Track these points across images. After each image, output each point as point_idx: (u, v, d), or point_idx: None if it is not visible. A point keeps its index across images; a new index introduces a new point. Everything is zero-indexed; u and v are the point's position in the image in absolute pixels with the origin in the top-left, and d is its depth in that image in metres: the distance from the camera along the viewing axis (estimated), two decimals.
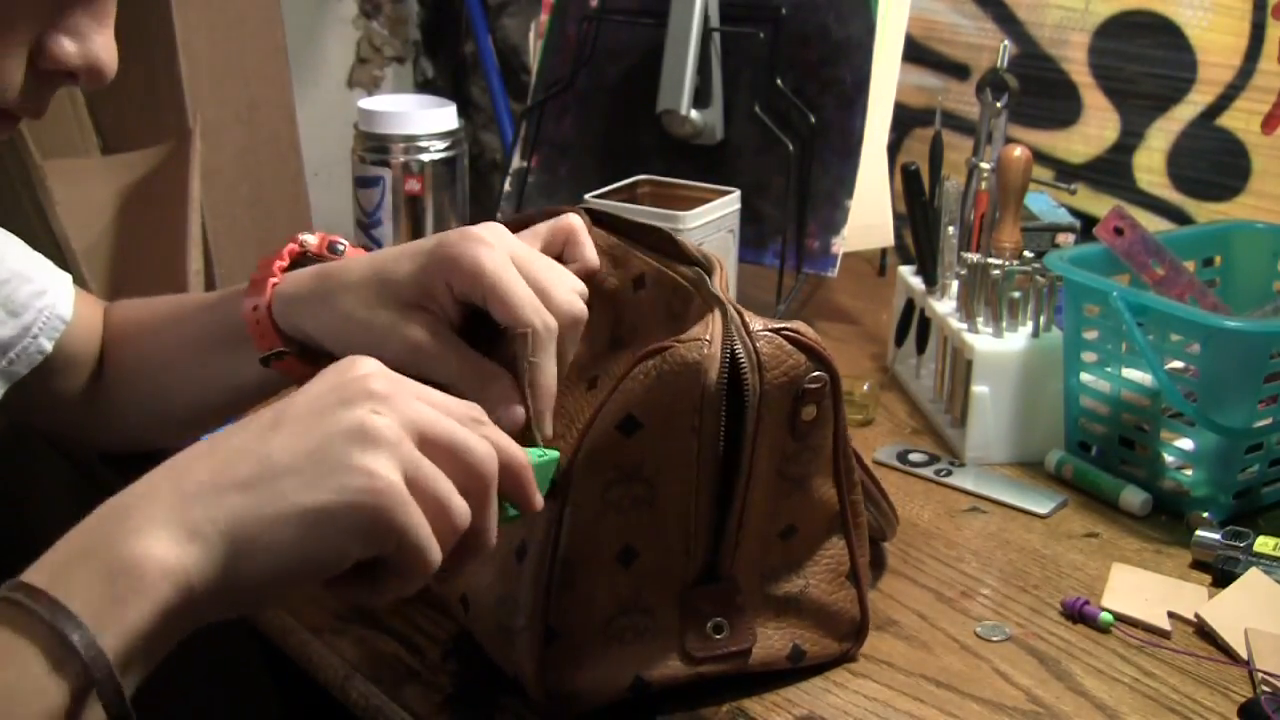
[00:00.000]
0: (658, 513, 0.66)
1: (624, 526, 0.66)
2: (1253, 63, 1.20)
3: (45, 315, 0.84)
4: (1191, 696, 0.71)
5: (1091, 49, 1.31)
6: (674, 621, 0.68)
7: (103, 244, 1.78)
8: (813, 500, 0.70)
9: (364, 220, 1.24)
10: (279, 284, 0.76)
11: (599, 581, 0.67)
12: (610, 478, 0.66)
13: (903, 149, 1.46)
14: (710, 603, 0.69)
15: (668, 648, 0.68)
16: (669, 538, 0.67)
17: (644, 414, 0.64)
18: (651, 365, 0.64)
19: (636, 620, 0.68)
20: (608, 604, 0.67)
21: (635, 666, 0.68)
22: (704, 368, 0.64)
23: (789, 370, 0.66)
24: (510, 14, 2.16)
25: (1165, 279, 0.99)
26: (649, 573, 0.67)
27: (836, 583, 0.72)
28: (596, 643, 0.67)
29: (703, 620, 0.68)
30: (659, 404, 0.64)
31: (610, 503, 0.66)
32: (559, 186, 1.32)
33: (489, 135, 2.25)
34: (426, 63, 2.36)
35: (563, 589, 0.66)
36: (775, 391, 0.66)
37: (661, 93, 1.20)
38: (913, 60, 1.42)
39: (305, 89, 2.13)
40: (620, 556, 0.67)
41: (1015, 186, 1.02)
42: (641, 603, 0.68)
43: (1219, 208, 1.24)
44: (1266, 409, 0.87)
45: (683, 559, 0.68)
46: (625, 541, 0.67)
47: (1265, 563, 0.81)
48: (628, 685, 0.68)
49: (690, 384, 0.64)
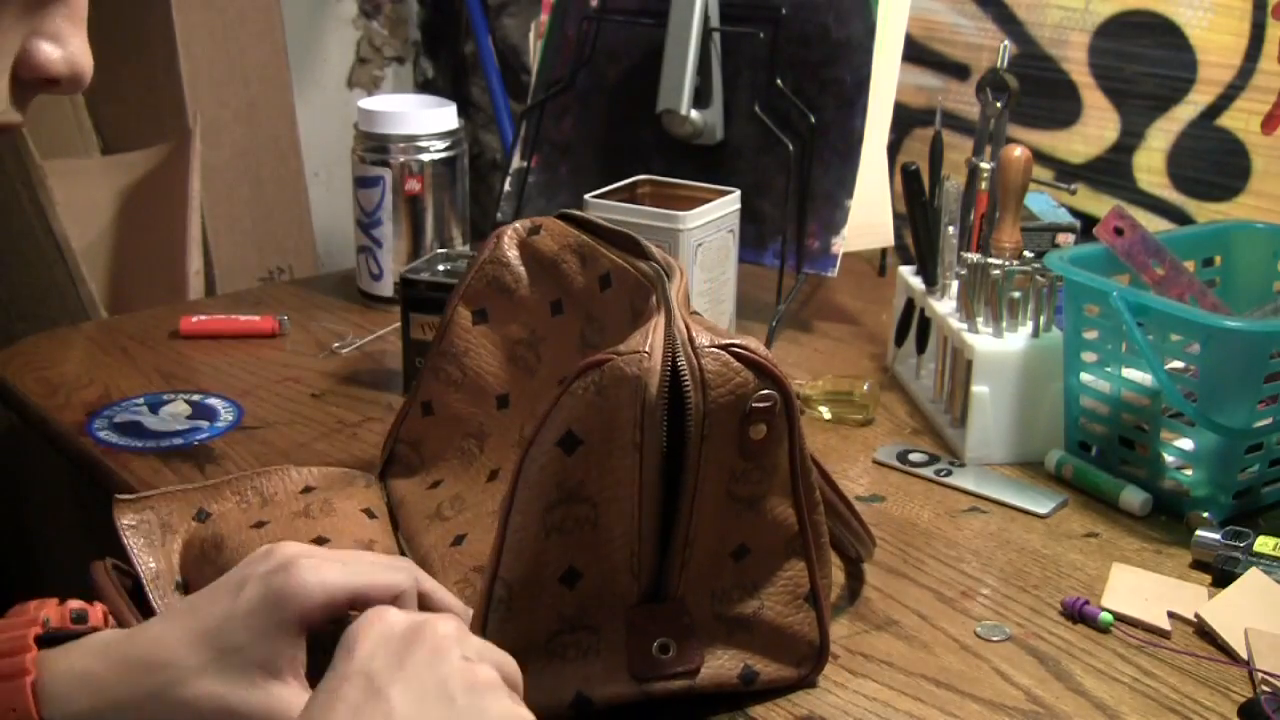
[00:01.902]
0: (601, 533, 0.65)
1: (566, 548, 0.65)
2: (1253, 63, 1.20)
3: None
4: (1191, 696, 0.71)
5: (1091, 49, 1.31)
6: (620, 640, 0.67)
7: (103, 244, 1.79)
8: (767, 521, 0.68)
9: (364, 220, 1.24)
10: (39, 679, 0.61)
11: (541, 600, 0.66)
12: (552, 499, 0.64)
13: (903, 149, 1.46)
14: (656, 622, 0.67)
15: (614, 666, 0.67)
16: (614, 558, 0.66)
17: (584, 430, 0.63)
18: (590, 380, 0.63)
19: (580, 638, 0.67)
20: (550, 621, 0.66)
21: (577, 683, 0.67)
22: (644, 381, 0.62)
23: (735, 389, 0.64)
24: (510, 14, 2.16)
25: (1165, 279, 0.99)
26: (593, 592, 0.66)
27: (794, 605, 0.70)
28: (537, 658, 0.66)
29: (649, 640, 0.67)
30: (599, 419, 0.63)
31: (552, 525, 0.65)
32: (559, 186, 1.32)
33: (489, 135, 2.25)
34: (426, 63, 2.36)
35: (502, 606, 0.66)
36: (720, 410, 0.64)
37: (661, 93, 1.21)
38: (913, 60, 1.42)
39: (305, 89, 2.13)
40: (564, 578, 0.66)
41: (1015, 186, 1.02)
42: (587, 620, 0.67)
43: (1219, 208, 1.24)
44: (1266, 409, 0.87)
45: (627, 578, 0.66)
46: (569, 563, 0.66)
47: (1265, 563, 0.81)
48: (569, 701, 0.67)
49: (630, 398, 0.62)
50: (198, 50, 1.86)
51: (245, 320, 1.20)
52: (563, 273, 0.81)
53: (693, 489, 0.65)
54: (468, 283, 0.84)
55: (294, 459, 0.96)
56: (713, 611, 0.69)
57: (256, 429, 1.01)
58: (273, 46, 1.96)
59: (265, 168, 2.00)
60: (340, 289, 1.31)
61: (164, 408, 1.04)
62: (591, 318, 0.77)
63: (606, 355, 0.63)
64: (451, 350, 0.84)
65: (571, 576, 0.66)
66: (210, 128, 1.84)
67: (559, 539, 0.65)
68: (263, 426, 1.02)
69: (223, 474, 0.94)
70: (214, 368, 1.13)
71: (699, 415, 0.63)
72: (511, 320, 0.84)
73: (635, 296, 0.72)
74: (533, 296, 0.82)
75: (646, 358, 0.62)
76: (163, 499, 0.82)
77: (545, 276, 0.82)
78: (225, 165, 1.93)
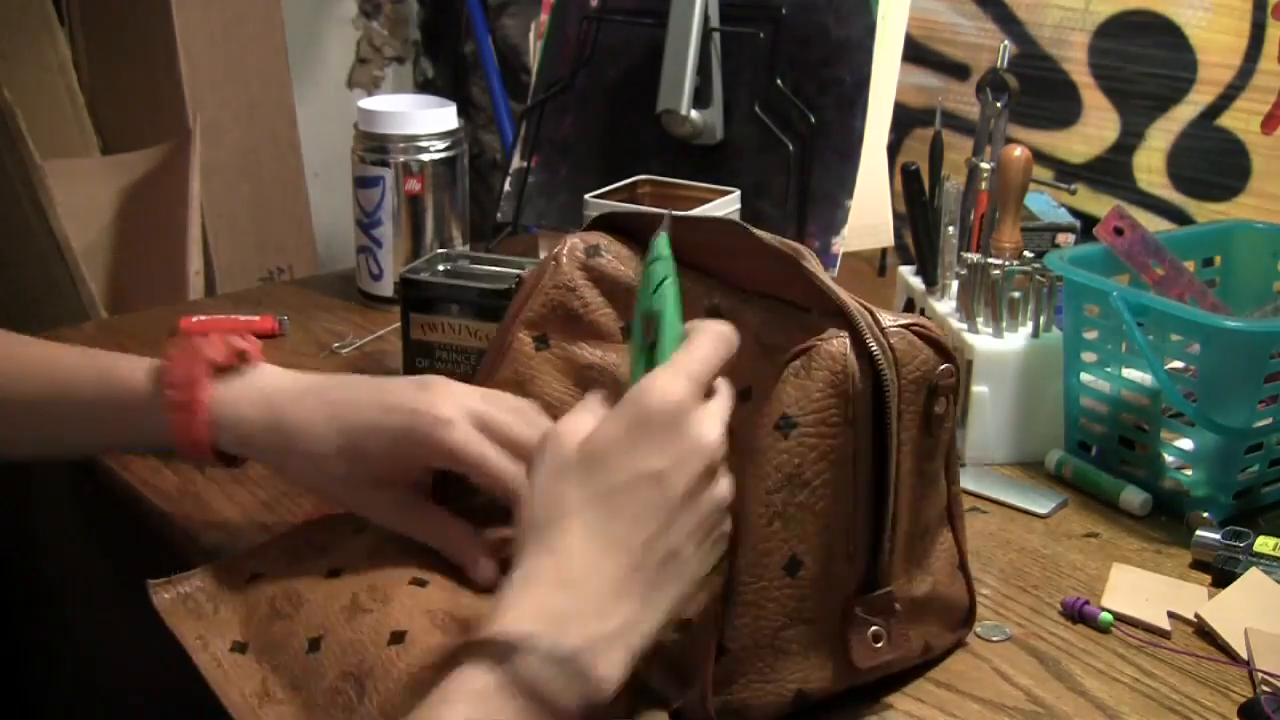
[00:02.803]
0: (820, 518, 0.65)
1: (789, 535, 0.65)
2: (1253, 63, 1.20)
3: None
4: (1191, 696, 0.71)
5: (1091, 49, 1.31)
6: (834, 631, 0.67)
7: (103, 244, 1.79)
8: (936, 494, 0.71)
9: (364, 220, 1.24)
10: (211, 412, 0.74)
11: (767, 593, 0.65)
12: (773, 483, 0.65)
13: (903, 149, 1.46)
14: (872, 612, 0.67)
15: (827, 658, 0.67)
16: (832, 544, 0.66)
17: (798, 412, 0.64)
18: (799, 365, 0.65)
19: (801, 632, 0.66)
20: (775, 615, 0.66)
21: (798, 680, 0.66)
22: (850, 362, 0.64)
23: (920, 365, 0.66)
24: (510, 14, 2.16)
25: (1165, 279, 0.99)
26: (813, 582, 0.66)
27: (952, 574, 0.73)
28: (764, 657, 0.66)
29: (865, 629, 0.67)
30: (812, 400, 0.64)
31: (775, 510, 0.65)
32: (559, 186, 1.32)
33: (489, 135, 2.25)
34: (426, 63, 2.36)
35: (735, 604, 0.65)
36: (911, 387, 0.66)
37: (661, 93, 1.20)
38: (913, 60, 1.42)
39: (305, 89, 2.13)
40: (787, 566, 0.65)
41: (1015, 186, 1.02)
42: (804, 614, 0.66)
43: (1219, 208, 1.24)
44: (1266, 409, 0.87)
45: (845, 566, 0.66)
46: (791, 551, 0.65)
47: (1265, 563, 0.81)
48: (790, 699, 0.66)
49: (839, 379, 0.64)
50: (198, 50, 1.86)
51: (245, 320, 1.20)
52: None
53: (895, 468, 0.66)
54: (527, 309, 0.80)
55: None
56: (907, 594, 0.69)
57: None
58: (273, 46, 1.96)
59: (265, 168, 2.00)
60: (340, 289, 1.31)
61: None
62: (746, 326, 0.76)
63: (811, 342, 0.65)
64: (514, 379, 0.80)
65: (794, 565, 0.65)
66: (210, 128, 1.84)
67: (781, 525, 0.65)
68: None
69: (224, 474, 0.94)
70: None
71: (895, 392, 0.65)
72: (579, 344, 0.80)
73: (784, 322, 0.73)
74: (603, 319, 0.80)
75: (846, 341, 0.65)
76: (202, 573, 0.76)
77: (617, 299, 0.80)
78: (225, 165, 1.93)
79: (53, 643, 1.24)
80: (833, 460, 0.65)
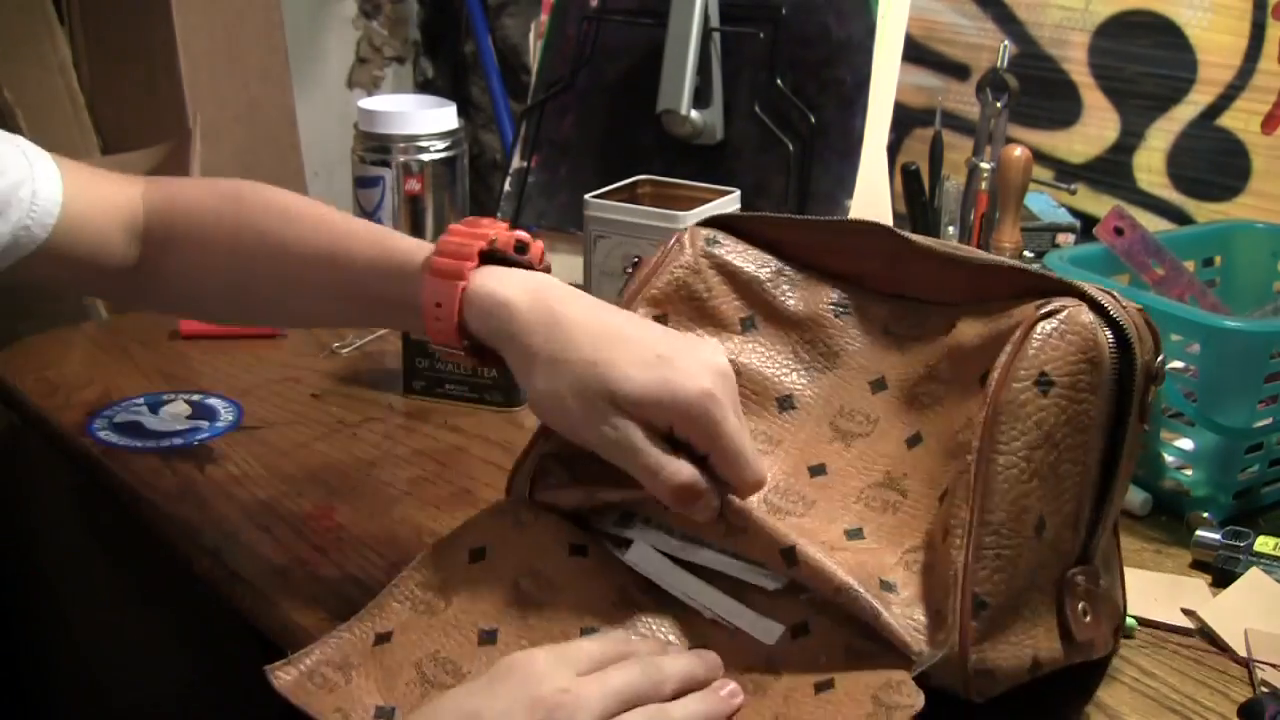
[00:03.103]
0: (1060, 481, 0.64)
1: (1044, 494, 0.64)
2: (1253, 63, 1.20)
3: (33, 206, 0.78)
4: (1192, 696, 0.71)
5: (1091, 49, 1.31)
6: (1051, 602, 0.65)
7: None
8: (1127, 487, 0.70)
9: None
10: (470, 287, 0.71)
11: (1021, 552, 0.63)
12: (1034, 439, 0.63)
13: (903, 149, 1.46)
14: (1085, 581, 0.66)
15: (1052, 628, 0.65)
16: (1064, 510, 0.65)
17: (1055, 372, 0.64)
18: (1049, 329, 0.64)
19: (1034, 597, 0.64)
20: (1023, 577, 0.63)
21: (1032, 646, 0.64)
22: (1099, 334, 0.64)
23: (1147, 351, 0.66)
24: (510, 14, 2.16)
25: (1165, 279, 0.99)
26: (1050, 546, 0.64)
27: (1116, 579, 0.71)
28: (1012, 618, 0.63)
29: (1075, 603, 0.66)
30: (1067, 362, 0.64)
31: (1034, 468, 0.63)
32: (559, 186, 1.32)
33: (489, 135, 2.25)
34: (426, 63, 2.36)
35: (990, 555, 0.62)
36: (1142, 368, 0.66)
37: (661, 93, 1.21)
38: (913, 60, 1.42)
39: (305, 89, 2.13)
40: (1037, 526, 0.63)
41: (1015, 186, 1.02)
42: (1039, 578, 0.64)
43: (1219, 208, 1.24)
44: (1266, 409, 0.87)
45: (1071, 534, 0.65)
46: (1041, 512, 0.64)
47: (1265, 563, 0.81)
48: (1028, 665, 0.64)
49: (1089, 346, 0.64)
50: (198, 50, 1.86)
51: None
52: (761, 291, 0.78)
53: (1126, 447, 0.66)
54: (651, 285, 0.77)
55: (294, 459, 0.96)
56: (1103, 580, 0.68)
57: (256, 429, 1.01)
58: (273, 46, 1.96)
59: (265, 168, 2.00)
60: None
61: (164, 408, 1.05)
62: (812, 342, 0.76)
63: (1056, 304, 0.65)
64: None
65: (1041, 526, 0.64)
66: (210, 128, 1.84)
67: (1038, 484, 0.64)
68: (263, 426, 1.02)
69: (224, 474, 0.94)
70: (214, 368, 1.13)
71: (1143, 366, 0.65)
72: (697, 330, 0.78)
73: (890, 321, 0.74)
74: (723, 308, 0.78)
75: (1087, 310, 0.65)
76: (320, 647, 0.70)
77: (738, 291, 0.78)
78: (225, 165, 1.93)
79: (53, 643, 1.24)
80: (1078, 425, 0.64)
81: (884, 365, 0.74)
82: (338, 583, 0.80)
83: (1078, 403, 0.64)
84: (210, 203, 0.83)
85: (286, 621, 0.77)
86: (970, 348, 0.69)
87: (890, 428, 0.72)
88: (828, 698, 0.62)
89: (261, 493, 0.91)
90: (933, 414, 0.71)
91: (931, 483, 0.69)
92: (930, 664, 0.61)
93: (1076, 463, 0.65)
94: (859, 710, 0.61)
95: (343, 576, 0.81)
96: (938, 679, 0.62)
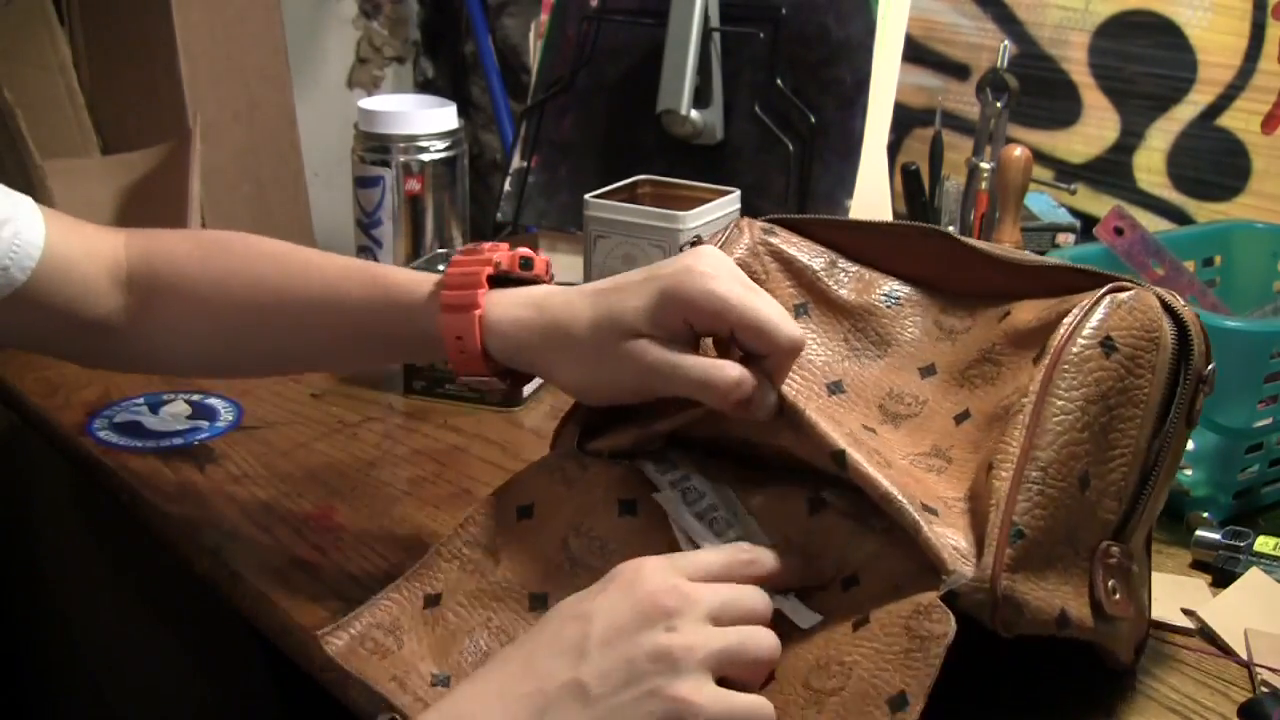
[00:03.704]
0: (1109, 447, 0.65)
1: (1092, 449, 0.65)
2: (1253, 63, 1.20)
3: (14, 245, 0.77)
4: (1192, 696, 0.71)
5: (1091, 49, 1.31)
6: (1086, 566, 0.65)
7: None
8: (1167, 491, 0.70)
9: (364, 220, 1.24)
10: (485, 314, 0.72)
11: (1064, 499, 0.63)
12: (1092, 394, 0.64)
13: (903, 149, 1.46)
14: (1119, 557, 0.66)
15: (1082, 591, 0.65)
16: (1109, 476, 0.65)
17: (1120, 339, 0.65)
18: (1121, 299, 0.66)
19: (1066, 552, 0.64)
20: (1062, 526, 0.64)
21: (1061, 599, 0.64)
22: (1163, 317, 0.66)
23: (1201, 353, 0.68)
24: (510, 14, 2.16)
25: (1165, 279, 0.99)
26: (1090, 507, 0.65)
27: (1145, 575, 0.71)
28: (1045, 560, 0.63)
29: (1107, 577, 0.66)
30: (1131, 333, 0.65)
31: (1088, 421, 0.64)
32: (559, 186, 1.32)
33: (489, 135, 2.25)
34: (426, 63, 2.36)
35: (1034, 489, 0.63)
36: (1195, 370, 0.67)
37: (661, 93, 1.21)
38: (913, 60, 1.42)
39: (305, 89, 2.13)
40: (1081, 479, 0.64)
41: (1015, 186, 1.02)
42: (1075, 536, 0.64)
43: (1219, 208, 1.24)
44: (1266, 409, 0.87)
45: (1112, 503, 0.66)
46: (1086, 467, 0.64)
47: (1265, 563, 0.81)
48: (1056, 616, 0.63)
49: (1154, 325, 0.66)
50: (198, 50, 1.86)
51: None
52: (815, 280, 0.78)
53: (1177, 435, 0.67)
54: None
55: (294, 459, 0.96)
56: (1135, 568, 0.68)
57: (256, 429, 1.01)
58: (273, 46, 1.96)
59: (265, 168, 2.00)
60: None
61: (164, 408, 1.05)
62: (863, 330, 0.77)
63: (1126, 280, 0.67)
64: None
65: (1085, 481, 0.65)
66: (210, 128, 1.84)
67: (1089, 437, 0.64)
68: (263, 426, 1.02)
69: (224, 474, 0.94)
70: None
71: (1201, 353, 0.67)
72: None
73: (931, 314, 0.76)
74: (778, 293, 0.78)
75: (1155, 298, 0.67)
76: (369, 609, 0.70)
77: (793, 279, 0.79)
78: (225, 165, 1.93)
79: (53, 643, 1.24)
80: (1132, 399, 0.65)
81: (934, 354, 0.75)
82: (338, 583, 0.80)
83: (1136, 375, 0.66)
84: (195, 251, 0.82)
85: (286, 621, 0.77)
86: (1027, 330, 0.70)
87: (939, 407, 0.73)
88: (864, 633, 0.62)
89: (261, 493, 0.91)
90: (983, 391, 0.72)
91: (976, 449, 0.69)
92: (959, 584, 0.61)
93: (1126, 434, 0.66)
94: (896, 646, 0.60)
95: (343, 576, 0.81)
96: (965, 602, 0.61)
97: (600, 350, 0.69)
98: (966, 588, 0.61)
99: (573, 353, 0.70)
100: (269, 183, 2.01)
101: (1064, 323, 0.66)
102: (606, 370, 0.69)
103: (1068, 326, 0.66)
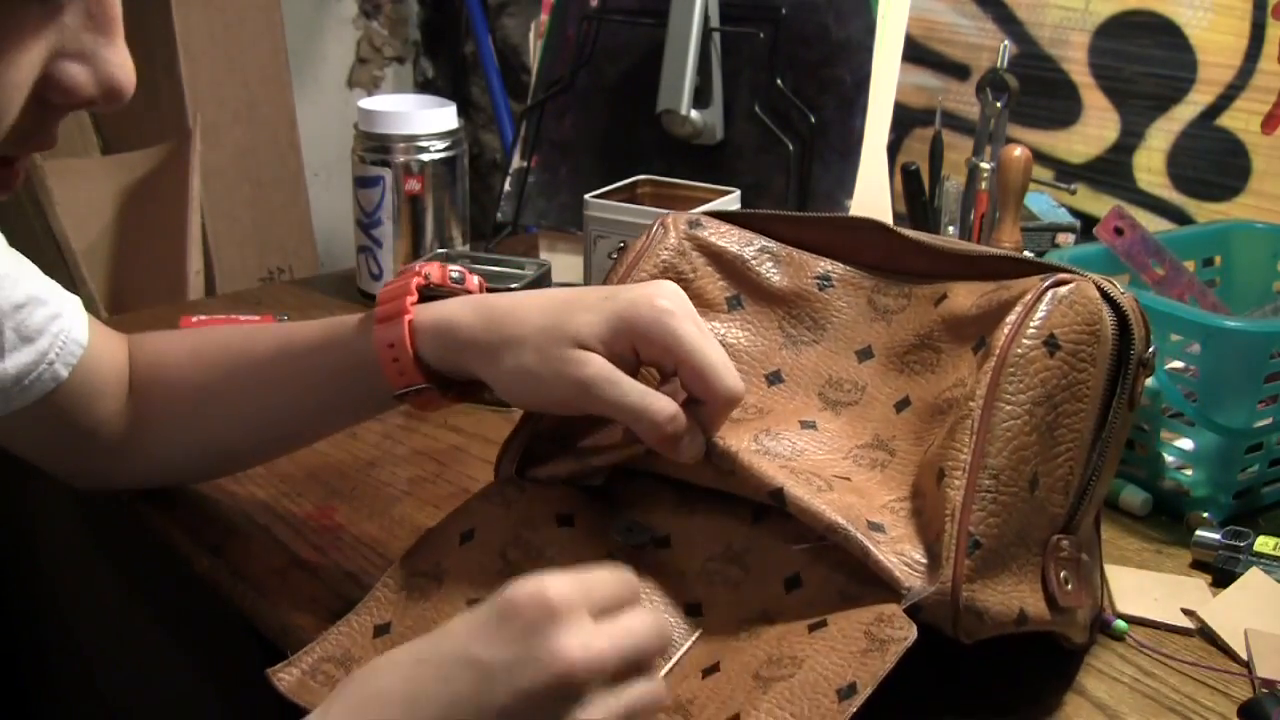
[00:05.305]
0: (1055, 445, 0.66)
1: (1041, 450, 0.65)
2: (1253, 63, 1.20)
3: (61, 340, 0.79)
4: (1191, 696, 0.71)
5: (1091, 49, 1.31)
6: (1038, 563, 0.66)
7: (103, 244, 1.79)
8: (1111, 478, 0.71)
9: (364, 220, 1.24)
10: (415, 319, 0.73)
11: (1014, 504, 0.64)
12: (1038, 395, 0.65)
13: (903, 149, 1.46)
14: (1069, 550, 0.67)
15: (1036, 587, 0.66)
16: (1056, 472, 0.66)
17: (1062, 335, 0.66)
18: (1061, 294, 0.67)
19: (1020, 552, 0.65)
20: (1013, 528, 0.64)
21: (1019, 599, 0.65)
22: (1103, 310, 0.67)
23: (1141, 337, 0.68)
24: (510, 14, 2.16)
25: (1165, 279, 0.99)
26: (1039, 506, 0.66)
27: (1096, 561, 0.72)
28: (1001, 564, 0.64)
29: (1059, 569, 0.67)
30: (1073, 329, 0.66)
31: (1035, 423, 0.65)
32: (559, 186, 1.32)
33: (489, 135, 2.25)
34: (426, 63, 2.36)
35: (989, 498, 0.63)
36: (1137, 354, 0.68)
37: (661, 93, 1.21)
38: (913, 60, 1.42)
39: (305, 89, 2.14)
40: (1030, 481, 0.65)
41: (1015, 186, 1.02)
42: (1027, 535, 0.65)
43: (1219, 208, 1.24)
44: (1266, 409, 0.87)
45: (1060, 497, 0.67)
46: (1035, 469, 0.65)
47: (1265, 563, 0.81)
48: (1015, 616, 0.64)
49: (1095, 317, 0.67)
50: (198, 50, 1.86)
51: (245, 320, 1.20)
52: (745, 270, 0.79)
53: (1116, 423, 0.68)
54: (639, 270, 0.78)
55: (294, 459, 0.96)
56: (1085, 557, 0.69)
57: None
58: (273, 46, 1.97)
59: (265, 168, 2.00)
60: (340, 289, 1.31)
61: None
62: (798, 316, 0.78)
63: (1065, 276, 0.68)
64: None
65: (1034, 483, 0.65)
66: (210, 128, 1.84)
67: (1037, 439, 0.65)
68: None
69: None
70: None
71: (1140, 343, 0.68)
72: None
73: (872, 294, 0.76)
74: (708, 289, 0.79)
75: (1094, 287, 0.67)
76: (320, 644, 0.69)
77: (722, 271, 0.80)
78: (225, 165, 1.93)
79: (53, 643, 1.24)
80: (1076, 393, 0.66)
81: (870, 335, 0.76)
82: (338, 583, 0.80)
83: (1078, 370, 0.66)
84: (178, 336, 0.88)
85: (286, 621, 0.77)
86: (967, 316, 0.71)
87: (878, 393, 0.74)
88: (821, 634, 0.63)
89: (261, 493, 0.91)
90: (923, 379, 0.72)
91: (918, 441, 0.70)
92: (920, 598, 0.62)
93: (1071, 429, 0.66)
94: (853, 647, 0.61)
95: (343, 576, 0.81)
96: (928, 614, 0.62)
97: (543, 353, 0.68)
98: (929, 600, 0.62)
99: (513, 352, 0.70)
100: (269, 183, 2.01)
101: (1007, 321, 0.66)
102: (545, 374, 0.68)
103: (1011, 326, 0.66)
